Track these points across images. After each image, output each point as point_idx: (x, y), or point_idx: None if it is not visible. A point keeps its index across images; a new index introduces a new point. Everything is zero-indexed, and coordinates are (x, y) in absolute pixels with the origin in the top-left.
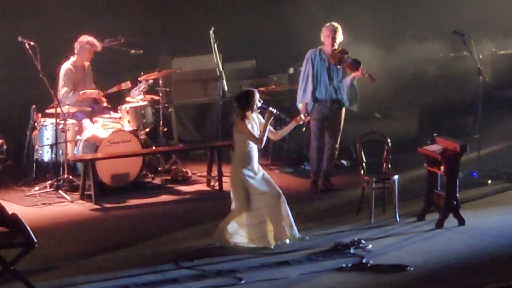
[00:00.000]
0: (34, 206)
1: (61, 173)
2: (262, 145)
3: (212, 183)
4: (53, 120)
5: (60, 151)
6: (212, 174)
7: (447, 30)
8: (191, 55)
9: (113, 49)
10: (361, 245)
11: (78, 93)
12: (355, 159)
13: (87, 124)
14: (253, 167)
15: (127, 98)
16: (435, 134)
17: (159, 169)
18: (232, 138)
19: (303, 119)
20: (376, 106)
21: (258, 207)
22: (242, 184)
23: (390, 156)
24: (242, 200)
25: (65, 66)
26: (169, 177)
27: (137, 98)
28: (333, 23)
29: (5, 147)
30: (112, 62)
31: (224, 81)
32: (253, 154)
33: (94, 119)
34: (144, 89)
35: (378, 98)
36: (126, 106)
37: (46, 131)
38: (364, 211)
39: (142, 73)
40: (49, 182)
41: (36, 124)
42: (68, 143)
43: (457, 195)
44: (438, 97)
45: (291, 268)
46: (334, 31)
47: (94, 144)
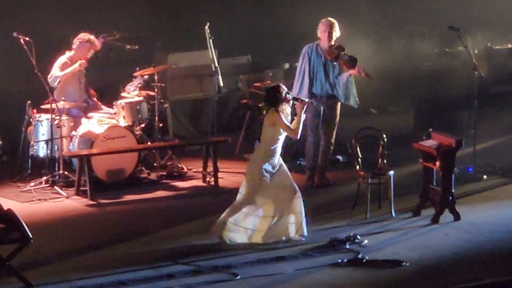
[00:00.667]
0: (30, 202)
1: (57, 169)
2: (298, 136)
3: (208, 179)
4: (49, 116)
5: (56, 147)
6: (208, 170)
7: (443, 25)
8: (187, 51)
9: (109, 45)
10: (357, 241)
11: (62, 72)
12: (351, 155)
13: (83, 120)
14: (274, 162)
15: (123, 94)
16: (431, 130)
17: (155, 165)
18: (230, 133)
19: (307, 102)
20: (372, 102)
21: (270, 201)
22: (259, 177)
23: (386, 152)
24: (254, 193)
25: (61, 60)
26: (165, 173)
27: (133, 94)
28: (329, 18)
29: (1, 143)
30: (107, 57)
31: (220, 77)
32: (277, 150)
33: (89, 115)
34: (140, 85)
35: (374, 94)
36: (122, 102)
37: (42, 127)
38: (360, 207)
39: (138, 69)
40: (45, 178)
41: (32, 120)
42: (64, 139)
43: (453, 191)
44: (434, 93)
45: (287, 264)
46: (330, 26)
47: (90, 140)
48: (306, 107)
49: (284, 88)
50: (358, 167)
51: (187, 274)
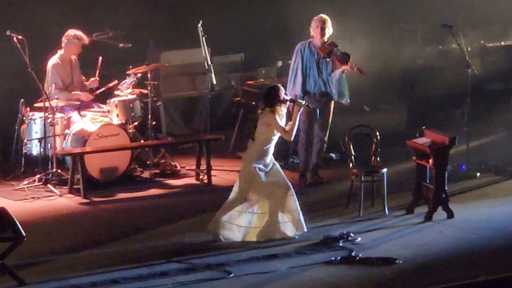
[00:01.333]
0: (23, 200)
1: (50, 167)
2: (292, 138)
3: (201, 177)
4: (42, 114)
5: (49, 145)
6: (201, 168)
7: (436, 23)
8: (180, 49)
9: (102, 43)
10: (350, 238)
11: (69, 94)
12: (344, 153)
13: (76, 118)
14: (266, 162)
15: (116, 92)
16: (424, 127)
17: (148, 163)
18: (223, 132)
19: (303, 104)
20: (365, 100)
21: (264, 198)
22: (252, 176)
23: (379, 149)
24: (248, 191)
25: (52, 61)
26: (158, 171)
27: (126, 92)
28: (322, 15)
29: None
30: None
31: (213, 75)
32: (270, 150)
33: (83, 113)
34: (133, 83)
35: (367, 92)
36: (115, 100)
37: (35, 125)
38: (353, 204)
39: (131, 67)
40: (38, 176)
41: (25, 118)
42: (57, 137)
43: (446, 188)
44: (427, 90)
45: (280, 262)
46: (323, 23)
47: (83, 138)
48: (302, 110)
49: (282, 90)
50: (351, 165)
51: (181, 272)
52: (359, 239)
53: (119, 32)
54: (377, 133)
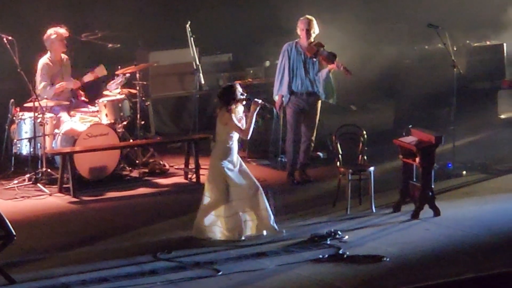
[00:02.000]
0: (13, 199)
1: (40, 167)
2: (248, 137)
3: (190, 176)
4: (32, 114)
5: (39, 145)
6: (190, 167)
7: (422, 23)
8: (168, 49)
9: (91, 43)
10: (338, 236)
11: (55, 87)
12: (331, 151)
13: (65, 118)
14: (233, 160)
15: (105, 92)
16: (411, 126)
17: (137, 162)
18: (213, 131)
19: (259, 103)
20: (352, 99)
21: (236, 199)
22: (222, 176)
23: (366, 148)
24: (221, 192)
25: (42, 61)
26: (147, 170)
27: (115, 92)
28: (308, 16)
29: None
30: (90, 56)
31: (201, 75)
32: (234, 148)
33: (72, 113)
34: (122, 83)
35: (354, 91)
36: (104, 100)
37: (25, 125)
38: (341, 203)
39: (120, 67)
40: (28, 176)
41: (15, 118)
42: (47, 137)
43: (433, 186)
44: (413, 90)
45: (268, 259)
46: (309, 24)
47: (72, 138)
48: (259, 108)
49: (239, 89)
50: (339, 164)
51: (170, 270)
52: (347, 237)
53: (108, 33)
54: (364, 132)
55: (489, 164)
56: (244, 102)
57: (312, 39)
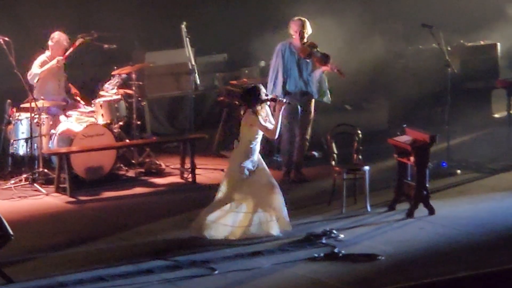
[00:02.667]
0: (10, 199)
1: (36, 167)
2: (276, 136)
3: (185, 175)
4: (28, 115)
5: (35, 145)
6: (185, 166)
7: (416, 23)
8: (164, 49)
9: (87, 44)
10: (333, 235)
11: (42, 69)
12: (326, 151)
13: (62, 118)
14: (254, 159)
15: (101, 92)
16: (405, 125)
17: (133, 162)
18: (208, 130)
19: (284, 102)
20: (347, 99)
21: (252, 197)
22: (239, 175)
23: (361, 147)
24: (234, 190)
25: (41, 58)
26: (143, 170)
27: (111, 92)
28: (300, 17)
29: None
30: (86, 57)
31: (197, 75)
32: (256, 148)
33: (68, 113)
34: (118, 83)
35: (349, 91)
36: (100, 100)
37: (21, 125)
38: (336, 202)
39: (116, 68)
40: (25, 176)
41: (11, 119)
42: (43, 137)
43: (427, 185)
44: (408, 89)
45: (264, 258)
46: (302, 25)
47: (69, 138)
48: (284, 107)
49: (262, 89)
50: (334, 163)
51: (166, 269)
52: (342, 236)
53: (105, 34)
54: (359, 132)
55: (484, 163)
56: (268, 102)
57: (305, 40)
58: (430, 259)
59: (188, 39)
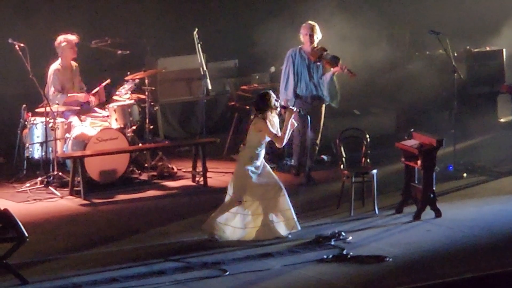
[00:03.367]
0: (25, 202)
1: (51, 170)
2: (283, 144)
3: (197, 179)
4: (43, 119)
5: (50, 149)
6: (197, 170)
7: (423, 29)
8: (176, 55)
9: (100, 50)
10: (342, 237)
11: (66, 96)
12: (335, 154)
13: (76, 123)
14: (257, 164)
15: (114, 97)
16: (412, 130)
17: (146, 165)
18: (220, 135)
19: (294, 111)
20: (355, 104)
21: (258, 199)
22: (245, 178)
23: (369, 151)
24: (241, 193)
25: (53, 67)
26: (156, 173)
27: (124, 97)
28: (310, 22)
29: None
30: (100, 63)
31: (208, 80)
32: (261, 154)
33: (83, 118)
34: (131, 88)
35: (357, 96)
36: (114, 105)
37: (36, 130)
38: (344, 204)
39: (129, 73)
40: (40, 179)
41: (27, 123)
42: (58, 141)
43: (434, 188)
44: (415, 94)
45: (274, 260)
46: (312, 29)
47: (83, 142)
48: (293, 116)
49: (273, 96)
50: (343, 166)
51: (178, 271)
52: (350, 238)
53: (118, 40)
54: (367, 136)
55: (489, 167)
56: (279, 110)
57: (315, 44)
58: (437, 261)
59: (200, 46)
